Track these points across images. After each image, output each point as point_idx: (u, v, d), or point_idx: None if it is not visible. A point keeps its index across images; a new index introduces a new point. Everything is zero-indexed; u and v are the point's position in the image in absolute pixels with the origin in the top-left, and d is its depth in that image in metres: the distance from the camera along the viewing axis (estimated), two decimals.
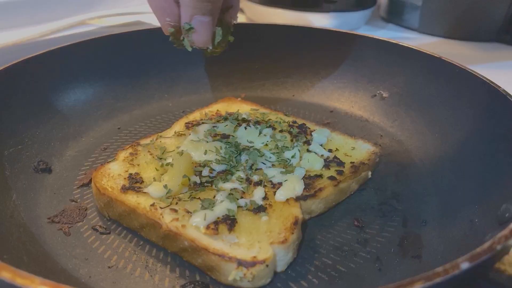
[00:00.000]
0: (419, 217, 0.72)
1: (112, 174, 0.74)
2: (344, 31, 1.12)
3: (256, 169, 0.76)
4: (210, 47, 0.74)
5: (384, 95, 1.03)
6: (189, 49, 0.74)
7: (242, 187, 0.71)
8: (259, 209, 0.66)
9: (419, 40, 1.58)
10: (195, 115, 0.95)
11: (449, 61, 0.90)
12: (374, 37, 1.06)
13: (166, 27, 0.72)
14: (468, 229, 0.64)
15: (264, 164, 0.77)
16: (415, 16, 1.64)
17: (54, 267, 0.62)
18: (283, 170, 0.75)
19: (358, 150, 0.82)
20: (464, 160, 0.77)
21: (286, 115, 0.95)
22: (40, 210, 0.73)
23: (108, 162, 0.78)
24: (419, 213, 0.73)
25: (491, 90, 0.78)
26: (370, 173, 0.81)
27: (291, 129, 0.88)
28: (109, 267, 0.63)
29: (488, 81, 0.80)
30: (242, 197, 0.69)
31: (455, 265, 0.41)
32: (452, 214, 0.70)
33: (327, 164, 0.78)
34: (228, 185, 0.71)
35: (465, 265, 0.41)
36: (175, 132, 0.87)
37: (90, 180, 0.79)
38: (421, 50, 0.97)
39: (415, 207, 0.75)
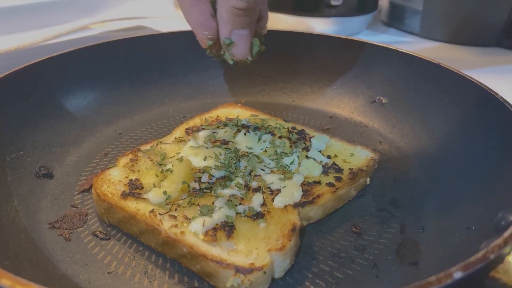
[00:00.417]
0: (417, 224, 0.72)
1: (113, 180, 0.75)
2: (344, 37, 1.12)
3: (255, 176, 0.76)
4: (250, 58, 0.76)
5: (383, 101, 1.03)
6: (231, 62, 0.76)
7: (240, 194, 0.71)
8: (257, 216, 0.67)
9: (420, 45, 1.59)
10: (195, 121, 0.95)
11: (447, 67, 0.90)
12: (374, 43, 1.07)
13: (204, 40, 0.74)
14: (465, 236, 0.64)
15: (263, 170, 0.78)
16: (416, 20, 1.64)
17: (54, 273, 0.62)
18: (282, 176, 0.76)
19: (357, 157, 0.83)
20: (462, 166, 0.78)
21: (285, 121, 0.95)
22: (41, 216, 0.74)
23: (108, 168, 0.78)
24: (417, 220, 0.73)
25: (489, 97, 0.78)
26: (368, 179, 0.81)
27: (290, 135, 0.88)
28: (108, 273, 0.63)
29: (486, 88, 0.80)
30: (240, 204, 0.69)
31: (448, 274, 0.42)
32: (450, 220, 0.70)
33: (325, 170, 0.78)
34: (227, 192, 0.72)
35: (458, 275, 0.42)
36: (175, 138, 0.88)
37: (91, 186, 0.79)
38: (420, 56, 0.97)
39: (413, 213, 0.75)
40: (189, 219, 0.65)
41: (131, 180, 0.75)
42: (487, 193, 0.68)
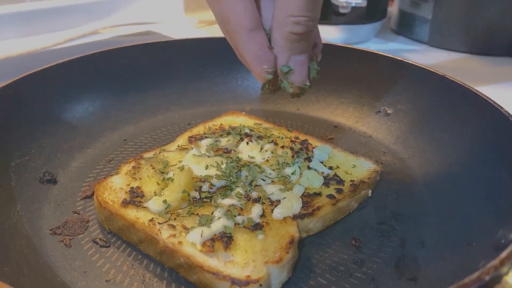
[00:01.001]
0: (418, 238, 0.72)
1: (114, 187, 0.76)
2: (350, 46, 1.12)
3: (256, 186, 0.76)
4: (308, 84, 0.72)
5: (388, 111, 1.02)
6: (290, 90, 0.72)
7: (240, 204, 0.71)
8: (256, 227, 0.67)
9: (429, 54, 1.57)
10: (199, 129, 0.96)
11: (452, 79, 0.90)
12: (380, 53, 1.06)
13: (263, 74, 0.69)
14: (464, 252, 0.64)
15: (264, 180, 0.77)
16: (425, 29, 1.63)
17: (53, 280, 0.63)
18: (282, 187, 0.75)
19: (359, 168, 0.82)
20: (465, 181, 0.77)
21: (289, 130, 0.95)
22: (43, 222, 0.74)
23: (110, 175, 0.79)
24: (417, 234, 0.72)
25: (493, 110, 0.77)
26: (370, 191, 0.81)
27: (293, 145, 0.88)
28: (106, 281, 0.64)
29: (490, 101, 0.79)
30: (240, 214, 0.69)
31: None
32: (450, 236, 0.69)
33: (326, 182, 0.78)
34: (226, 201, 0.72)
35: None
36: (178, 146, 0.88)
37: (93, 192, 0.80)
38: (425, 67, 0.97)
39: (414, 227, 0.74)
40: (188, 229, 0.66)
41: (132, 188, 0.75)
42: (488, 209, 0.67)
